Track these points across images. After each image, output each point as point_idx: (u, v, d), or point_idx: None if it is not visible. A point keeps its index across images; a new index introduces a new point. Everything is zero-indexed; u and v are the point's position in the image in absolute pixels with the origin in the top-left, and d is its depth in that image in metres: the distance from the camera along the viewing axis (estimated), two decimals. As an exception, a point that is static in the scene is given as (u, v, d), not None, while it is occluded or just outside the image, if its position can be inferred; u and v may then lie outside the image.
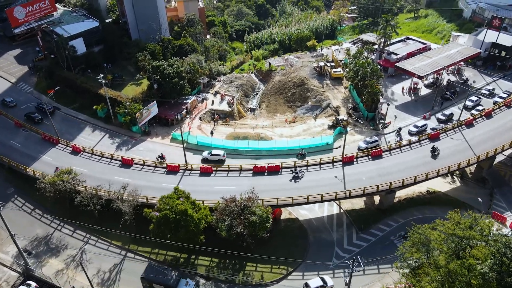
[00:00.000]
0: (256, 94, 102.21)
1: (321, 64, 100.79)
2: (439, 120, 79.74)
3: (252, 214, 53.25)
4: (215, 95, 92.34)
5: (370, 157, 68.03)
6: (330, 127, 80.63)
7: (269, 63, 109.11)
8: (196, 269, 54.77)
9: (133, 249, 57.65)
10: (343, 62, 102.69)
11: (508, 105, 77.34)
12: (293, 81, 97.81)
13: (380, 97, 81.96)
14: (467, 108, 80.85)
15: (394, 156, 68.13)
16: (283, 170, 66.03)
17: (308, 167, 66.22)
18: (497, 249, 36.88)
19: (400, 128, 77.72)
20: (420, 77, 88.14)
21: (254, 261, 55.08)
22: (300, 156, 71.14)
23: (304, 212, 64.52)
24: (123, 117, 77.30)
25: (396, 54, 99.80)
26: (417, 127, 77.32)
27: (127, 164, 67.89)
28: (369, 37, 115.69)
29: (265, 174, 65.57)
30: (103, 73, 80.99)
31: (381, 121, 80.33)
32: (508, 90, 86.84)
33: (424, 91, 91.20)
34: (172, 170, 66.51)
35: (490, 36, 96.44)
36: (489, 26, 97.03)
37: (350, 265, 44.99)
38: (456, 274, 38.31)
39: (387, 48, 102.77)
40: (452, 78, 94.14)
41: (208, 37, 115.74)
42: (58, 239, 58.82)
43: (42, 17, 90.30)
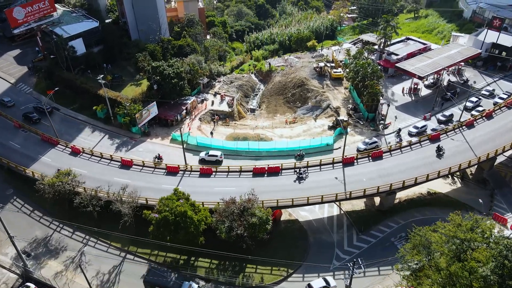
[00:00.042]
0: (256, 95, 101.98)
1: (321, 64, 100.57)
2: (439, 121, 79.60)
3: (252, 216, 53.03)
4: (215, 95, 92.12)
5: (370, 158, 67.83)
6: (330, 127, 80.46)
7: (269, 63, 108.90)
8: (195, 271, 54.58)
9: (132, 250, 57.43)
10: (343, 62, 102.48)
11: (509, 106, 77.14)
12: (293, 82, 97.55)
13: (381, 98, 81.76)
14: (467, 109, 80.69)
15: (395, 157, 67.92)
16: (283, 171, 65.81)
17: (308, 168, 65.93)
18: (498, 252, 36.75)
19: (400, 129, 77.62)
20: (420, 78, 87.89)
21: (254, 263, 54.83)
22: (298, 157, 70.95)
23: (304, 213, 64.34)
24: (122, 118, 77.17)
25: (396, 55, 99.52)
26: (416, 128, 77.18)
27: (126, 165, 67.66)
28: (369, 37, 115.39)
29: (265, 175, 65.38)
30: (103, 74, 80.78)
31: (382, 122, 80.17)
32: (508, 91, 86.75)
33: (424, 92, 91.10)
34: (171, 171, 66.27)
35: (490, 36, 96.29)
36: (490, 27, 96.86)
37: (350, 267, 44.79)
38: (457, 277, 38.17)
39: (387, 49, 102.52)
40: (453, 78, 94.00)
41: (208, 37, 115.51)
42: (57, 240, 58.63)
43: (42, 17, 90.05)
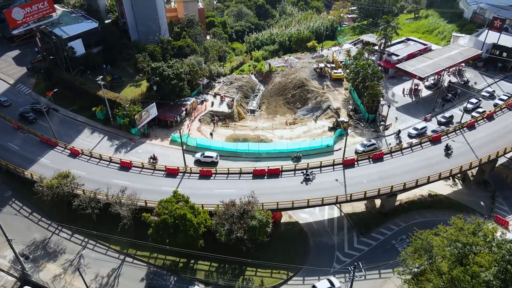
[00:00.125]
0: (256, 96, 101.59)
1: (321, 65, 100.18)
2: (439, 123, 79.23)
3: (252, 219, 52.64)
4: (214, 96, 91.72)
5: (371, 160, 67.44)
6: (330, 129, 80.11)
7: (269, 64, 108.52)
8: (195, 274, 54.18)
9: (131, 253, 57.05)
10: (343, 63, 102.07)
11: (510, 107, 76.75)
12: (293, 82, 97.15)
13: (381, 99, 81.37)
14: (467, 111, 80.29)
15: (395, 158, 67.50)
16: (283, 173, 65.40)
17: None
18: (501, 256, 36.41)
19: (400, 130, 77.28)
20: (421, 79, 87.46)
21: (254, 265, 54.50)
22: (295, 159, 70.56)
23: (305, 215, 63.95)
24: (122, 119, 76.79)
25: (397, 55, 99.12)
26: (416, 129, 76.72)
27: (125, 167, 67.26)
28: (369, 38, 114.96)
29: (265, 177, 65.00)
30: (102, 75, 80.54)
31: (382, 123, 79.80)
32: (508, 92, 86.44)
33: (425, 93, 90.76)
34: (171, 173, 65.85)
35: (491, 37, 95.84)
36: (490, 27, 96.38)
37: (351, 270, 44.41)
38: (459, 281, 37.82)
39: (387, 49, 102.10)
40: (453, 79, 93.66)
41: (208, 38, 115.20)
42: (55, 243, 58.20)
43: (41, 18, 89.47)
